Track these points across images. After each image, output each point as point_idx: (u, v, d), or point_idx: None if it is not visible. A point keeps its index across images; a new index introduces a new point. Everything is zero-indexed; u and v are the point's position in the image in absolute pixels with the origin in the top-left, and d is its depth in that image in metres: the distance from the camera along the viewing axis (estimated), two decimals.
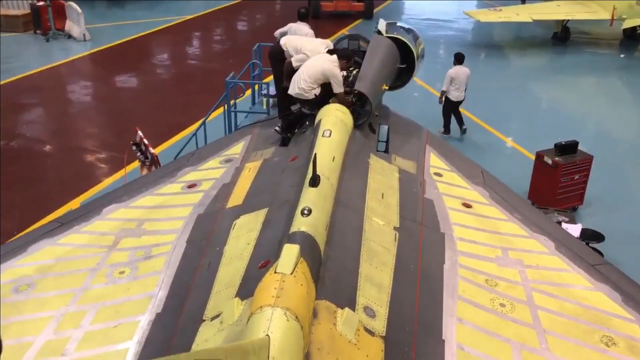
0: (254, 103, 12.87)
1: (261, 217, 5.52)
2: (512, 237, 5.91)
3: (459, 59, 13.34)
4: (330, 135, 6.17)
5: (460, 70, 13.26)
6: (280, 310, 3.45)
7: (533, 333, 4.62)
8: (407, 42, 8.43)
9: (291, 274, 3.80)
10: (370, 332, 4.15)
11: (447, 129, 13.65)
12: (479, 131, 14.23)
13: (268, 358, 3.05)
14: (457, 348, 4.38)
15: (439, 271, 5.20)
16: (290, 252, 3.97)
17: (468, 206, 6.37)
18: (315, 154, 5.25)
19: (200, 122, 11.47)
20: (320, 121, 6.61)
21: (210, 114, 11.49)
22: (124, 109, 15.90)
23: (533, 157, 10.97)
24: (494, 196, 6.69)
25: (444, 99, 13.44)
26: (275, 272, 3.80)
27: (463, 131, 13.70)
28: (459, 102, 13.53)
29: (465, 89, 13.41)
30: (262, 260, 4.69)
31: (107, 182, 11.68)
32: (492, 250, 5.65)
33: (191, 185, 6.84)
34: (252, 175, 6.67)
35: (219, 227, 5.73)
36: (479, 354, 4.34)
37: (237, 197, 6.20)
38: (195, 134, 10.83)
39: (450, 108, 13.55)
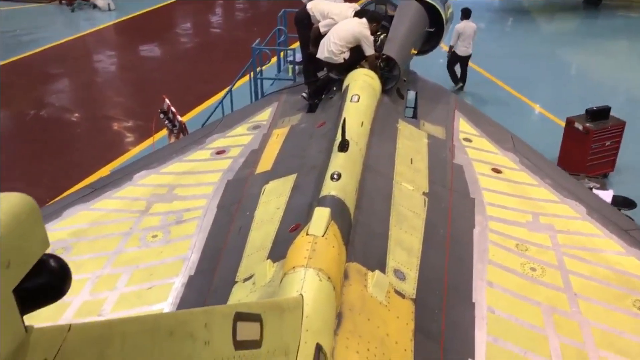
0: (279, 70, 12.82)
1: (290, 182, 5.54)
2: (542, 202, 5.85)
3: (466, 14, 13.49)
4: (358, 100, 6.13)
5: (467, 25, 13.38)
6: (313, 270, 3.49)
7: (564, 297, 4.60)
8: (436, 5, 8.27)
9: (323, 236, 3.82)
10: (401, 295, 4.17)
11: (454, 81, 13.80)
12: (508, 98, 14.02)
13: (302, 316, 3.09)
14: (488, 311, 4.38)
15: (469, 236, 5.18)
16: (321, 214, 3.99)
17: (498, 171, 6.31)
18: (344, 118, 5.22)
19: (226, 90, 11.48)
20: (348, 86, 6.57)
21: (236, 82, 11.49)
22: (150, 78, 15.99)
23: (563, 124, 10.79)
24: (524, 162, 6.62)
25: (450, 53, 13.67)
26: (307, 234, 3.83)
27: (460, 88, 13.78)
28: (467, 57, 13.61)
29: (472, 44, 13.50)
30: (293, 224, 4.72)
31: (135, 151, 11.83)
32: (523, 215, 5.61)
33: (220, 152, 6.88)
34: (280, 141, 6.67)
35: (248, 192, 5.77)
36: (510, 317, 4.35)
37: (265, 163, 6.23)
38: (221, 102, 10.86)
39: (456, 62, 13.65)
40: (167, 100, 10.06)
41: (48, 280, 1.15)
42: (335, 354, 3.34)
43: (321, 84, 7.50)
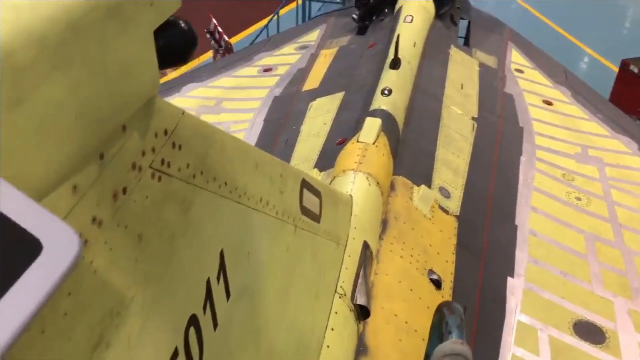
0: None
1: (338, 99, 5.54)
2: (593, 135, 5.74)
3: None
4: (411, 21, 6.01)
5: None
6: (362, 174, 3.53)
7: (608, 227, 4.57)
8: None
9: (373, 143, 3.85)
10: (445, 210, 4.21)
11: None
12: (556, 38, 13.53)
13: (351, 214, 3.15)
14: (530, 234, 4.40)
15: (516, 162, 5.15)
16: (372, 124, 4.00)
17: (549, 103, 6.19)
18: (398, 35, 5.14)
19: (272, 14, 11.34)
20: (401, 7, 6.42)
21: (283, 4, 11.32)
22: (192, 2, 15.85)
23: (615, 69, 10.42)
24: (576, 96, 6.46)
25: None
26: (357, 142, 3.86)
27: None
28: None
29: None
30: (340, 138, 4.75)
31: (181, 69, 11.85)
32: (571, 147, 5.53)
33: (267, 69, 6.88)
34: (328, 61, 6.63)
35: (295, 108, 5.80)
36: (551, 241, 4.36)
37: (313, 81, 6.21)
38: (267, 26, 10.75)
39: None
40: (214, 20, 10.01)
41: (178, 40, 1.17)
42: (380, 255, 3.42)
43: (372, 5, 7.34)
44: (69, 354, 0.91)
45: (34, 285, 0.59)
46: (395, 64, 5.03)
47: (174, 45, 1.16)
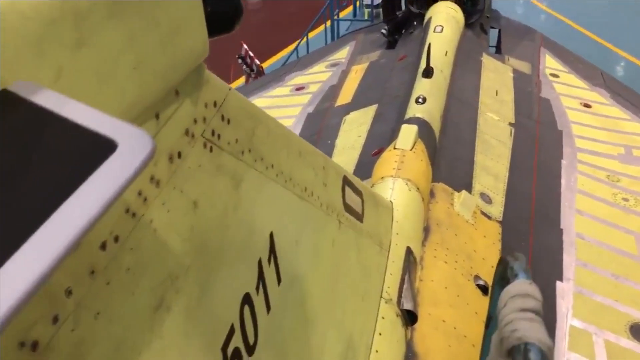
0: (355, 15, 12.67)
1: (371, 112, 5.53)
2: (636, 135, 5.60)
3: None
4: (442, 31, 5.99)
5: None
6: (402, 180, 3.49)
7: None
8: None
9: (410, 150, 3.81)
10: (487, 216, 4.12)
11: None
12: (590, 45, 13.32)
13: (392, 220, 3.11)
14: (577, 237, 4.28)
15: (557, 166, 5.04)
16: (408, 130, 3.97)
17: (587, 106, 6.07)
18: (430, 44, 5.13)
19: (302, 37, 11.48)
20: (430, 18, 6.42)
21: (313, 25, 11.44)
22: None
23: None
24: (616, 97, 6.32)
25: None
26: (395, 148, 3.83)
27: None
28: None
29: None
30: (375, 149, 4.73)
31: None
32: (614, 148, 5.39)
33: (299, 88, 6.94)
34: (359, 76, 6.65)
35: (328, 123, 5.81)
36: (600, 243, 4.23)
37: (345, 96, 6.23)
38: (297, 48, 10.87)
39: None
40: (245, 46, 10.17)
41: (225, 6, 1.19)
42: (424, 262, 3.35)
43: (401, 19, 7.37)
44: (133, 310, 0.92)
45: (115, 170, 0.62)
46: (428, 72, 5.00)
47: (221, 12, 1.18)
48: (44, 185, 0.62)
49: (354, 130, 5.36)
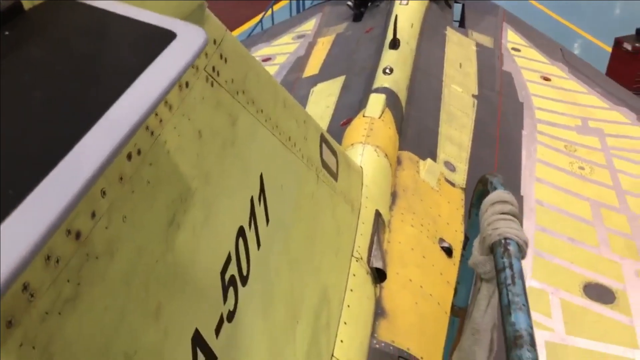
0: None
1: (339, 83, 5.59)
2: (592, 108, 5.82)
3: None
4: (407, 4, 6.06)
5: None
6: (371, 146, 3.59)
7: (612, 193, 4.64)
8: None
9: (379, 118, 3.90)
10: (451, 183, 4.27)
11: None
12: (549, 22, 13.59)
13: (362, 184, 3.21)
14: (536, 204, 4.47)
15: (518, 136, 5.22)
16: (377, 99, 4.07)
17: (547, 79, 6.26)
18: (397, 15, 5.20)
19: (267, 9, 11.38)
20: None
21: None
22: None
23: (609, 49, 10.48)
24: (574, 71, 6.54)
25: None
26: (364, 116, 3.91)
27: None
28: None
29: None
30: (344, 119, 4.80)
31: None
32: (572, 119, 5.60)
33: (266, 59, 6.93)
34: (326, 47, 6.68)
35: (296, 94, 5.84)
36: (558, 209, 4.43)
37: (312, 68, 6.27)
38: (261, 21, 10.79)
39: None
40: None
41: None
42: (391, 225, 3.47)
43: None
44: (151, 221, 1.00)
45: (182, 47, 0.70)
46: (395, 44, 5.08)
47: None
48: (129, 59, 0.77)
49: (323, 101, 5.41)
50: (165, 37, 0.76)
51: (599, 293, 3.79)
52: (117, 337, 0.91)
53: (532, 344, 1.23)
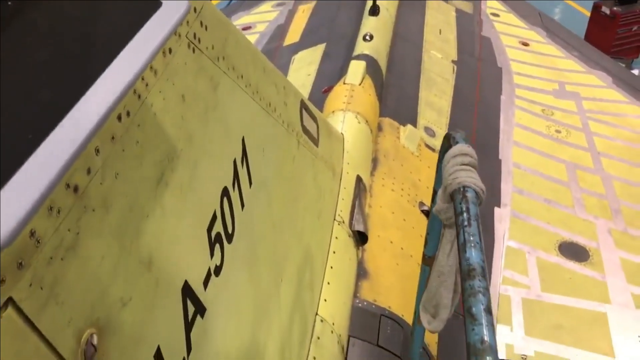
0: None
1: (320, 50, 5.61)
2: (569, 72, 5.91)
3: None
4: None
5: None
6: (352, 113, 3.65)
7: (587, 155, 4.77)
8: None
9: (359, 84, 3.95)
10: (431, 148, 4.35)
11: None
12: None
13: (343, 150, 3.28)
14: (514, 167, 4.57)
15: (496, 101, 5.30)
16: (357, 66, 4.11)
17: (525, 44, 6.33)
18: None
19: None
20: None
21: None
22: None
23: (588, 13, 10.55)
24: (552, 36, 6.61)
25: None
26: (344, 84, 3.96)
27: None
28: None
29: None
30: (325, 86, 4.84)
31: None
32: (549, 83, 5.69)
33: (246, 28, 6.90)
34: (306, 15, 6.66)
35: (277, 62, 5.85)
36: (535, 172, 4.54)
37: (293, 36, 6.26)
38: None
39: None
40: None
41: None
42: (373, 190, 3.55)
43: None
44: (141, 178, 1.09)
45: (166, 14, 0.77)
46: (375, 10, 5.10)
47: None
48: (120, 24, 0.87)
49: (304, 69, 5.43)
50: (152, 6, 0.82)
51: (574, 252, 3.92)
52: (113, 283, 0.99)
53: (484, 275, 1.39)
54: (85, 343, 0.90)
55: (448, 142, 1.75)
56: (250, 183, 1.53)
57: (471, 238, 1.49)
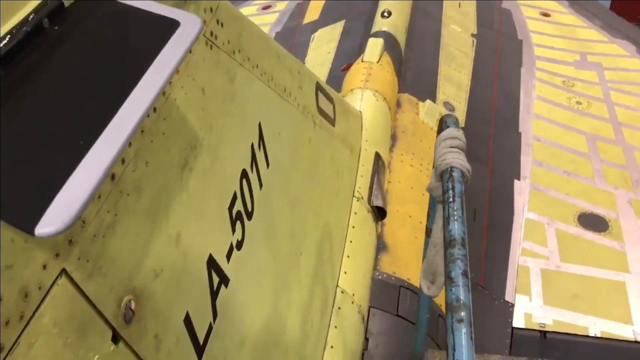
0: None
1: (339, 28, 5.66)
2: (591, 42, 5.86)
3: None
4: None
5: None
6: (370, 91, 3.72)
7: (609, 126, 4.76)
8: None
9: (377, 62, 4.02)
10: None
11: None
12: None
13: (361, 128, 3.36)
14: (534, 139, 4.61)
15: (516, 74, 5.31)
16: (375, 43, 4.16)
17: (546, 15, 6.28)
18: None
19: None
20: None
21: None
22: None
23: None
24: (574, 5, 6.54)
25: None
26: (362, 61, 4.03)
27: None
28: None
29: None
30: (344, 64, 4.91)
31: None
32: (570, 54, 5.66)
33: (266, 7, 6.97)
34: None
35: (297, 41, 5.93)
36: (555, 144, 4.57)
37: (312, 13, 6.31)
38: None
39: None
40: None
41: None
42: (392, 166, 3.64)
43: None
44: (168, 165, 1.24)
45: (184, 34, 0.90)
46: None
47: None
48: (144, 43, 1.04)
49: (323, 47, 5.50)
50: (171, 25, 0.95)
51: (593, 222, 3.96)
52: (146, 257, 1.15)
53: (463, 244, 1.56)
54: (124, 307, 1.06)
55: (441, 126, 1.94)
56: (268, 165, 1.65)
57: (454, 212, 1.67)
